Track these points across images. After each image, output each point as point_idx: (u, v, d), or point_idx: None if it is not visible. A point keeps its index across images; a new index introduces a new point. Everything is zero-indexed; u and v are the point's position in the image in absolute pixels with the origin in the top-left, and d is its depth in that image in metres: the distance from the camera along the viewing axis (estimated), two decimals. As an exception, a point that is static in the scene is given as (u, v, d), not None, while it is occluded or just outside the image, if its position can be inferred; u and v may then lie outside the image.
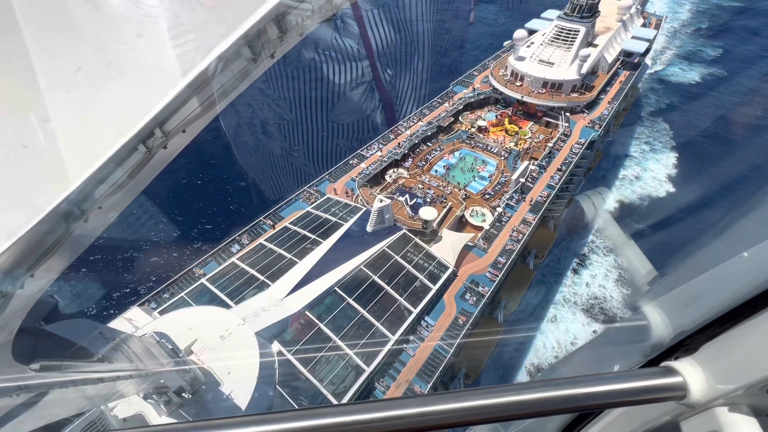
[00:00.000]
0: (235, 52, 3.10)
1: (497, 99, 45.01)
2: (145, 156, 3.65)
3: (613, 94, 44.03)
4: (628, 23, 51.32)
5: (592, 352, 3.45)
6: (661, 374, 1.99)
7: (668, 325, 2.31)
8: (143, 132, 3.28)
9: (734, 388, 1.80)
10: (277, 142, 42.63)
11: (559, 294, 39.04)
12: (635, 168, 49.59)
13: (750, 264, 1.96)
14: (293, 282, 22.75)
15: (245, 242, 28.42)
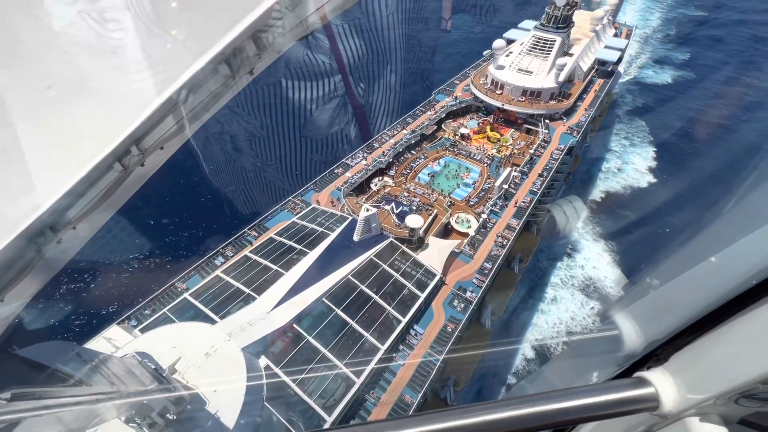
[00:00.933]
0: (212, 69, 3.10)
1: (478, 107, 45.85)
2: (121, 174, 3.57)
3: (589, 101, 45.43)
4: (601, 33, 53.27)
5: (567, 364, 3.46)
6: (633, 385, 2.01)
7: (640, 335, 2.32)
8: (119, 150, 3.23)
9: (705, 398, 1.82)
10: (249, 157, 42.43)
11: (555, 276, 40.60)
12: (617, 161, 52.91)
13: (718, 269, 1.99)
14: (280, 294, 22.38)
15: (229, 254, 27.90)
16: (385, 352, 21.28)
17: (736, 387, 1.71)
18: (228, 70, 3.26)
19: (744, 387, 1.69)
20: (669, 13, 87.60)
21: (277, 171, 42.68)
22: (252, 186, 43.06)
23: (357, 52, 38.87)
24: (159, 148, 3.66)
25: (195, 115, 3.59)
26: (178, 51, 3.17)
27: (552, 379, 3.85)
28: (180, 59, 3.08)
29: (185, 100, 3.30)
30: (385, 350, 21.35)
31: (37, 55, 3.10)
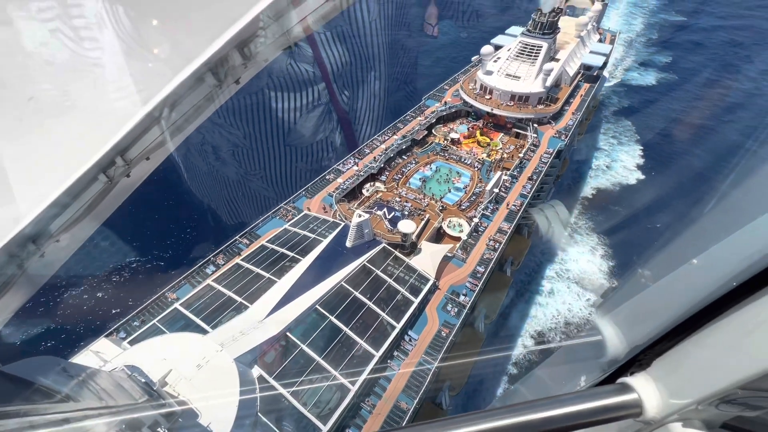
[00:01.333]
0: (198, 78, 3.09)
1: (468, 112, 46.29)
2: (106, 186, 3.53)
3: (576, 106, 46.18)
4: (586, 39, 54.33)
5: (552, 371, 3.46)
6: (617, 392, 2.02)
7: (622, 341, 2.34)
8: (103, 161, 3.20)
9: (687, 404, 1.83)
10: (232, 167, 42.26)
11: (551, 270, 42.04)
12: (606, 159, 54.98)
13: (699, 271, 2.02)
14: (273, 302, 22.14)
15: (221, 263, 27.57)
16: (379, 358, 21.13)
17: (716, 392, 1.72)
18: (214, 79, 3.25)
19: (723, 392, 1.70)
20: (651, 18, 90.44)
21: (263, 180, 42.66)
22: (236, 196, 42.85)
23: (340, 60, 39.12)
24: (145, 158, 3.64)
25: (181, 125, 3.58)
26: (163, 61, 3.15)
27: (537, 387, 3.86)
28: (165, 69, 3.07)
29: (171, 109, 3.28)
30: (380, 357, 21.21)
31: (18, 65, 3.04)
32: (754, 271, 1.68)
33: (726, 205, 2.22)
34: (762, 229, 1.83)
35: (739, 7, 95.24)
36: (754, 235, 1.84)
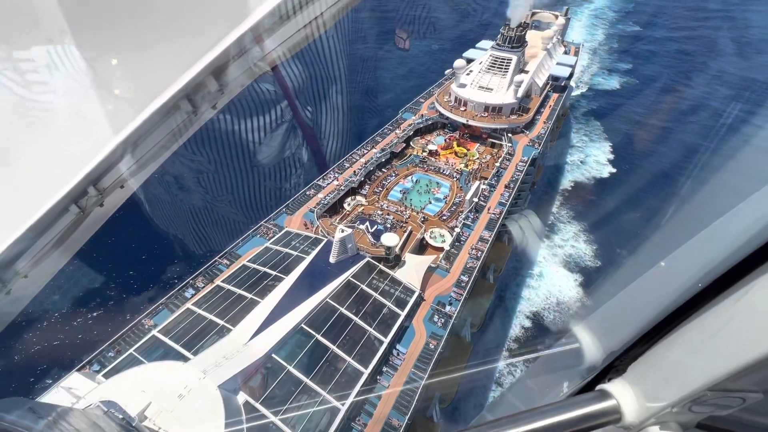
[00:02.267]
0: (174, 105, 3.07)
1: (444, 123, 47.25)
2: (78, 217, 3.43)
3: (547, 115, 47.94)
4: (552, 51, 56.82)
5: (535, 379, 3.50)
6: (596, 399, 2.07)
7: (599, 347, 2.40)
8: (75, 192, 3.13)
9: (662, 407, 1.89)
10: (197, 195, 41.56)
11: (539, 255, 45.32)
12: (580, 155, 59.90)
13: (667, 273, 2.11)
14: (256, 324, 21.52)
15: (200, 285, 26.69)
16: (369, 375, 20.79)
17: (687, 395, 1.78)
18: (190, 105, 3.24)
19: (694, 395, 1.76)
20: (610, 29, 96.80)
21: (231, 205, 42.07)
22: (204, 224, 41.89)
23: (300, 76, 39.44)
24: (119, 186, 3.56)
25: (157, 152, 3.52)
26: (136, 91, 3.12)
27: (523, 395, 3.86)
28: (140, 98, 3.04)
29: (146, 137, 3.24)
30: (369, 374, 20.87)
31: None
32: (715, 275, 1.76)
33: (686, 208, 2.33)
34: (719, 232, 1.93)
35: (686, 19, 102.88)
36: (714, 237, 1.94)
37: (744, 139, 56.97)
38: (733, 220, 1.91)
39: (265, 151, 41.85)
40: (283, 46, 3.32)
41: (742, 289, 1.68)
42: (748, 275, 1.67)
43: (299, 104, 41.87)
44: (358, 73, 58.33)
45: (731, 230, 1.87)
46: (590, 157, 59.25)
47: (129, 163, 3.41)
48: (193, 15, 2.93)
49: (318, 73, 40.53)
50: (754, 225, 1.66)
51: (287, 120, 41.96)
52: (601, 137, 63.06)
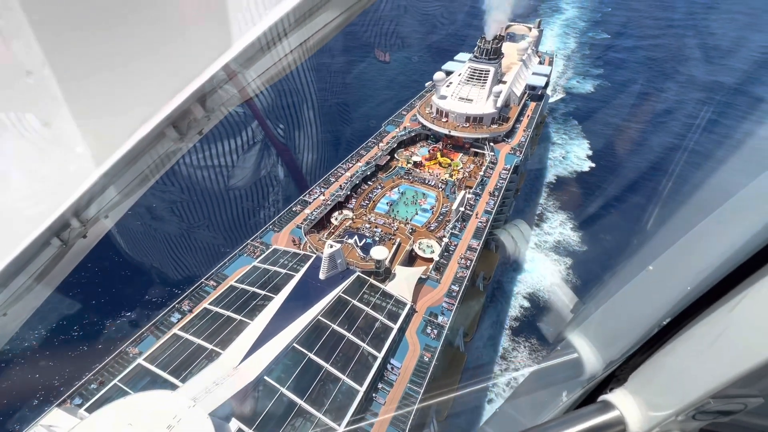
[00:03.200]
0: (159, 133, 3.05)
1: (427, 135, 47.90)
2: (60, 250, 3.35)
3: (526, 123, 49.22)
4: (528, 62, 58.65)
5: (532, 393, 3.50)
6: (599, 411, 2.08)
7: (598, 357, 2.42)
8: (57, 224, 3.06)
9: (666, 416, 1.91)
10: (172, 223, 40.90)
11: (530, 242, 48.86)
12: (561, 151, 64.75)
13: (657, 278, 2.14)
14: (247, 346, 21.04)
15: (187, 309, 25.98)
16: (364, 393, 20.53)
17: (691, 403, 1.81)
18: (176, 133, 3.24)
19: (697, 403, 1.79)
20: (581, 38, 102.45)
21: (209, 229, 41.51)
22: (181, 251, 41.08)
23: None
24: (104, 216, 3.51)
25: (143, 180, 3.50)
26: (121, 119, 3.10)
27: (518, 411, 3.82)
28: (123, 126, 3.02)
29: (132, 165, 3.21)
30: (365, 391, 20.61)
31: None
32: (709, 282, 1.81)
33: (668, 210, 2.41)
34: (705, 235, 1.99)
35: (652, 29, 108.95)
36: (701, 241, 2.00)
37: (717, 140, 60.35)
38: (718, 224, 1.96)
39: (239, 173, 41.61)
40: (269, 72, 3.36)
41: (737, 296, 1.73)
42: (741, 283, 1.72)
43: (270, 122, 41.92)
44: (327, 85, 59.10)
45: (717, 234, 1.93)
46: (571, 153, 64.04)
47: (114, 192, 3.35)
48: (178, 43, 2.93)
49: (285, 88, 40.67)
50: (743, 231, 1.71)
51: (259, 140, 41.96)
52: (580, 135, 67.89)
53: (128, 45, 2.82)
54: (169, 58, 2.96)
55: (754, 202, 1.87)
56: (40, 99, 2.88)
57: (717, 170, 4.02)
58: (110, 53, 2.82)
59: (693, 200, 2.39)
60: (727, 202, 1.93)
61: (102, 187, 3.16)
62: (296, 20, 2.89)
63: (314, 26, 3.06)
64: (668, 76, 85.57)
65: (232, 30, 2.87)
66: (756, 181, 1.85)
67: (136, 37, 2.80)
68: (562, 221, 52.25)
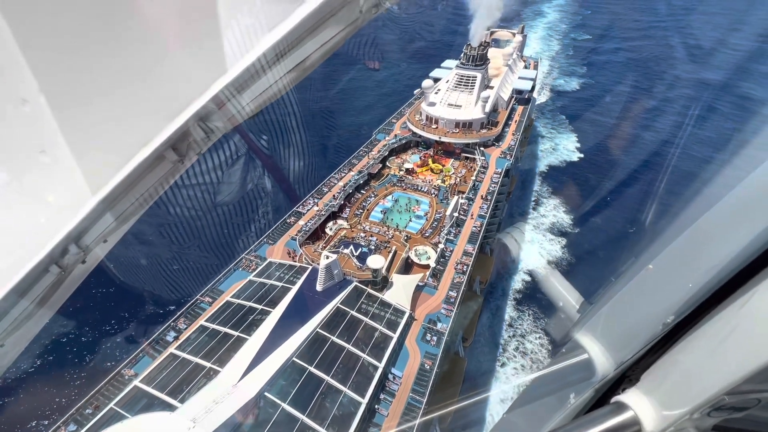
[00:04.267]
0: (159, 156, 3.07)
1: (418, 142, 48.22)
2: (58, 277, 3.33)
3: (514, 127, 49.84)
4: (513, 66, 59.59)
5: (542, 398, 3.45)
6: (613, 412, 2.07)
7: (609, 358, 2.40)
8: (56, 251, 3.05)
9: (681, 414, 1.91)
10: (162, 247, 40.51)
11: (528, 224, 52.91)
12: (551, 143, 68.94)
13: (665, 274, 2.15)
14: (246, 362, 20.75)
15: (182, 327, 25.59)
16: (367, 405, 20.31)
17: (705, 401, 1.81)
18: (175, 155, 3.25)
19: (712, 400, 1.79)
20: (564, 40, 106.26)
21: (200, 249, 41.20)
22: (173, 273, 40.64)
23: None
24: (103, 241, 3.49)
25: (142, 203, 3.49)
26: (120, 142, 3.10)
27: (525, 417, 3.76)
28: (123, 150, 3.02)
29: (131, 188, 3.21)
30: (367, 403, 20.40)
31: None
32: (718, 280, 1.82)
33: (671, 207, 2.44)
34: (705, 232, 2.00)
35: (628, 30, 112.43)
36: (701, 238, 2.01)
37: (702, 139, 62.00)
38: (718, 219, 1.96)
39: (225, 188, 41.42)
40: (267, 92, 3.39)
41: (748, 292, 1.75)
42: (752, 279, 1.74)
43: (252, 134, 41.90)
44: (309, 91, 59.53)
45: (718, 231, 1.94)
46: (560, 145, 68.35)
47: (114, 216, 3.34)
48: (175, 67, 2.95)
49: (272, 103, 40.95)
50: (746, 229, 1.72)
51: (243, 152, 41.89)
52: (567, 129, 71.62)
53: (126, 70, 2.83)
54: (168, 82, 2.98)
55: (757, 195, 1.86)
56: (36, 126, 2.87)
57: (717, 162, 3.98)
58: (108, 79, 2.83)
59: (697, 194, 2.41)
60: (726, 196, 1.94)
61: (101, 212, 3.15)
62: (293, 42, 2.93)
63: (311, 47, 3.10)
64: (656, 72, 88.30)
65: (229, 54, 2.90)
66: (758, 171, 1.84)
67: (133, 62, 2.81)
68: (556, 205, 56.24)
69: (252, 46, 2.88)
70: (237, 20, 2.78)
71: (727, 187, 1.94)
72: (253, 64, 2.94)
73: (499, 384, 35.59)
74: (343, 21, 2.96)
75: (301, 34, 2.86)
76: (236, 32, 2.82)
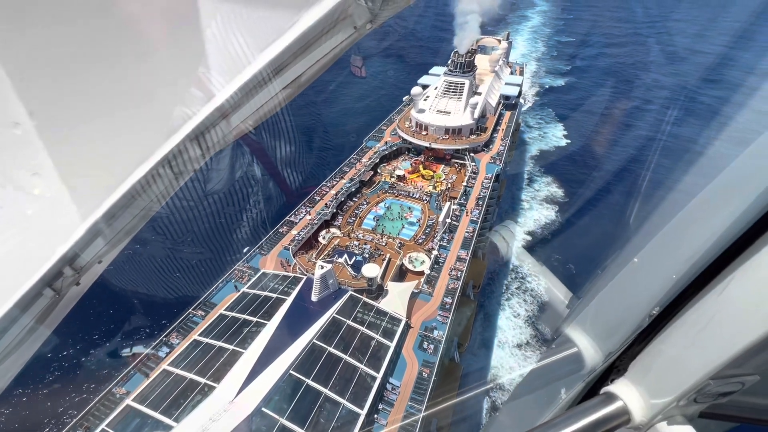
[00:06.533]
0: (155, 175, 3.05)
1: (408, 148, 48.50)
2: (52, 300, 3.26)
3: (503, 132, 50.48)
4: (500, 72, 60.51)
5: (535, 392, 3.47)
6: (602, 403, 2.10)
7: (597, 349, 2.44)
8: (49, 275, 3.00)
9: (669, 401, 1.95)
10: (155, 244, 40.14)
11: (524, 197, 57.89)
12: (539, 131, 73.58)
13: (647, 266, 2.21)
14: (242, 377, 20.41)
15: (175, 342, 25.09)
16: (365, 416, 20.09)
17: (691, 387, 1.85)
18: (171, 172, 3.23)
19: (698, 386, 1.84)
20: (549, 42, 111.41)
21: (194, 244, 40.86)
22: (171, 272, 40.18)
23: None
24: (97, 262, 3.44)
25: (138, 222, 3.46)
26: (114, 162, 3.08)
27: (520, 413, 3.77)
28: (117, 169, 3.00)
29: (126, 208, 3.17)
30: (366, 414, 20.18)
31: None
32: (696, 269, 1.89)
33: (652, 200, 2.51)
34: (686, 224, 2.07)
35: (609, 37, 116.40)
36: (683, 230, 2.08)
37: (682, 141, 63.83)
38: (696, 212, 2.04)
39: (213, 177, 41.21)
40: (265, 107, 3.39)
41: (726, 279, 1.81)
42: (728, 266, 1.80)
43: (249, 149, 41.93)
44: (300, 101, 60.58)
45: (696, 222, 2.01)
46: (548, 132, 73.33)
47: (108, 236, 3.29)
48: (172, 84, 2.94)
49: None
50: (721, 219, 1.79)
51: (239, 167, 41.84)
52: (554, 120, 76.63)
53: (119, 90, 2.82)
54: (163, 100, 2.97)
55: (732, 187, 1.94)
56: (29, 149, 2.83)
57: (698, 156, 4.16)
58: (103, 98, 2.81)
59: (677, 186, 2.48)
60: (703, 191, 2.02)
61: (95, 233, 3.11)
62: (288, 59, 2.95)
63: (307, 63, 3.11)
64: (636, 77, 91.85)
65: (224, 71, 2.91)
66: (733, 164, 1.91)
67: (127, 81, 2.79)
68: (548, 182, 61.02)
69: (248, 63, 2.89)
70: (232, 37, 2.79)
71: (707, 179, 2.01)
72: (249, 81, 2.94)
73: (493, 380, 35.65)
74: (338, 37, 2.98)
75: (296, 51, 2.87)
76: (231, 50, 2.83)
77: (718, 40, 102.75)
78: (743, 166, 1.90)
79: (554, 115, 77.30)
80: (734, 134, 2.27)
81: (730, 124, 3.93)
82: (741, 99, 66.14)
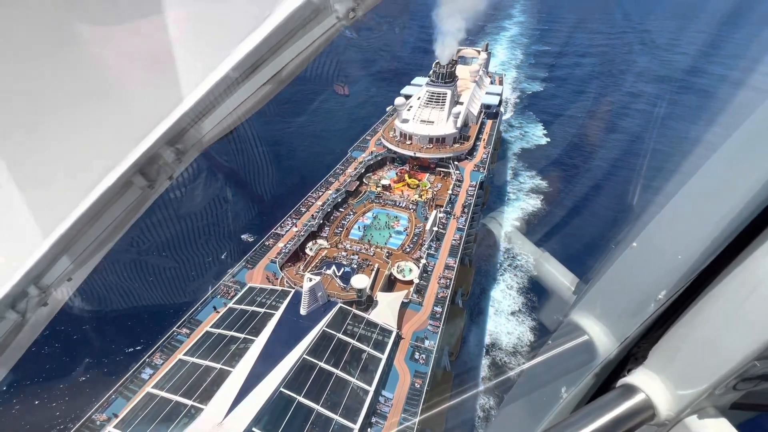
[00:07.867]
0: (125, 182, 2.87)
1: (393, 158, 48.74)
2: (15, 324, 3.04)
3: (485, 140, 51.28)
4: (480, 82, 61.79)
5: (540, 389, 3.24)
6: (622, 396, 1.84)
7: (610, 336, 2.16)
8: (11, 295, 2.80)
9: (700, 392, 1.71)
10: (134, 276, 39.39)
11: (511, 186, 60.80)
12: (520, 131, 77.18)
13: (640, 252, 1.99)
14: (231, 396, 19.72)
15: (159, 363, 24.18)
16: (359, 430, 19.60)
17: (730, 371, 1.59)
18: (144, 180, 3.04)
19: (739, 369, 1.58)
20: (527, 50, 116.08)
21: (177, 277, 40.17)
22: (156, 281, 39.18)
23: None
24: (66, 279, 3.20)
25: (109, 234, 3.25)
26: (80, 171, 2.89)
27: (525, 412, 3.42)
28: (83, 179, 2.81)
29: (95, 220, 2.99)
30: (359, 429, 19.69)
31: None
32: (730, 233, 1.64)
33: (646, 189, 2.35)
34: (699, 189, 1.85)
35: (587, 47, 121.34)
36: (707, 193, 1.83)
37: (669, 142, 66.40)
38: (726, 171, 1.78)
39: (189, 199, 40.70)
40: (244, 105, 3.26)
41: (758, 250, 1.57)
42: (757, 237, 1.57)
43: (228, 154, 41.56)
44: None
45: (726, 182, 1.76)
46: (529, 132, 77.04)
47: (77, 251, 3.08)
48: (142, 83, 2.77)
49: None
50: (755, 183, 1.56)
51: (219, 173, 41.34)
52: (534, 121, 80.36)
53: (83, 91, 2.63)
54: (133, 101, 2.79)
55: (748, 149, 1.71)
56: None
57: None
58: (64, 101, 2.62)
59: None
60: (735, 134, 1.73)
61: (63, 248, 2.88)
62: (267, 53, 2.80)
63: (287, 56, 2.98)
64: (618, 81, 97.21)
65: (199, 67, 2.75)
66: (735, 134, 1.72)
67: (91, 81, 2.61)
68: (532, 175, 63.81)
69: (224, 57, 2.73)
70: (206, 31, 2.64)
71: (732, 130, 1.76)
72: (227, 77, 2.78)
73: (489, 380, 35.47)
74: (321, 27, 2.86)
75: (276, 43, 2.72)
76: (206, 43, 2.68)
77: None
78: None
79: (534, 116, 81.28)
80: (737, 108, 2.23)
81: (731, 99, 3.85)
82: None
